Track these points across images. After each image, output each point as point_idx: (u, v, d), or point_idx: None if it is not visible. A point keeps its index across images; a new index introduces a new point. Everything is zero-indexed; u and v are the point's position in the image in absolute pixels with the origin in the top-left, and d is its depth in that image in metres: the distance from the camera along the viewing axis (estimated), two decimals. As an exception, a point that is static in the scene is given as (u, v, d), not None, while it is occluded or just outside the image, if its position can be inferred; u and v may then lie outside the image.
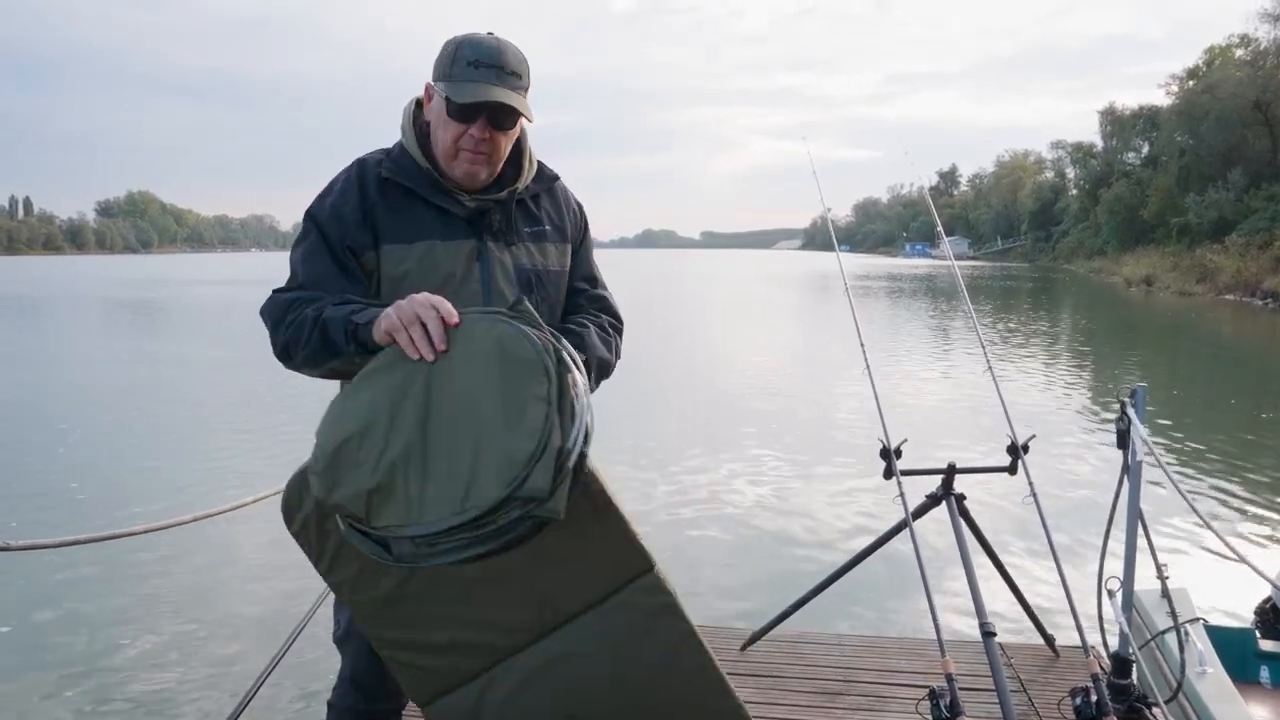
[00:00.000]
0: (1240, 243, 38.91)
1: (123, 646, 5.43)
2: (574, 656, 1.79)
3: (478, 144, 1.85)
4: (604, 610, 1.79)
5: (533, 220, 2.01)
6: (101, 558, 6.43)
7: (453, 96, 1.81)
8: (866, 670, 3.46)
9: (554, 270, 2.02)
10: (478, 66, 1.81)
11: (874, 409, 3.17)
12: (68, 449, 10.48)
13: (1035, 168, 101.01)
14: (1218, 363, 19.77)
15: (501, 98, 1.80)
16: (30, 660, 5.25)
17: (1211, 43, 56.60)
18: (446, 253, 1.88)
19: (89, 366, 18.22)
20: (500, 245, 1.93)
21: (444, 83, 1.84)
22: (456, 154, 1.87)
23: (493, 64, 1.81)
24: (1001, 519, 6.34)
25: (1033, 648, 3.70)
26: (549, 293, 2.00)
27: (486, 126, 1.84)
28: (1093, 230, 66.43)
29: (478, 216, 1.92)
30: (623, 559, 1.79)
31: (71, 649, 5.40)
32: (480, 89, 1.80)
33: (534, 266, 1.98)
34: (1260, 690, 3.65)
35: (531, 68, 1.89)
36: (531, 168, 2.01)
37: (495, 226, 1.93)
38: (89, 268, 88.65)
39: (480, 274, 1.90)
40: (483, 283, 1.90)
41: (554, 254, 2.03)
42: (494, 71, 1.81)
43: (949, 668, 2.37)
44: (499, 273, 1.92)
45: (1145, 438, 3.03)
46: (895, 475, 2.90)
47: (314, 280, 1.84)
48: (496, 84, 1.81)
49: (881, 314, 29.77)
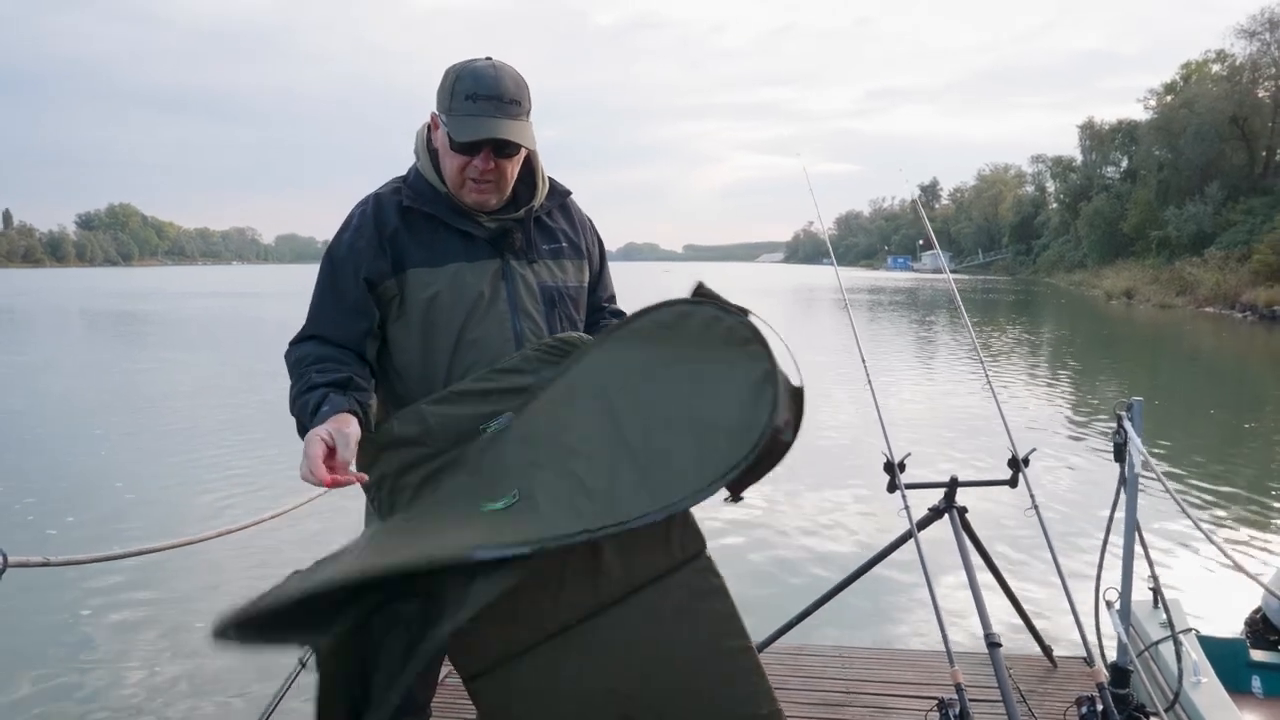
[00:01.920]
0: (1219, 256, 39.34)
1: (150, 656, 5.52)
2: (624, 634, 1.82)
3: (483, 174, 1.89)
4: (658, 589, 1.83)
5: (550, 238, 2.06)
6: (136, 571, 6.57)
7: (453, 134, 1.84)
8: (869, 682, 3.49)
9: (573, 286, 2.07)
10: (476, 99, 1.82)
11: (873, 421, 3.22)
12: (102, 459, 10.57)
13: (1016, 181, 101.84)
14: (1199, 374, 19.98)
15: (500, 133, 1.82)
16: (59, 669, 5.33)
17: (1189, 58, 57.40)
18: (474, 274, 1.93)
19: (113, 376, 18.19)
20: (523, 264, 1.99)
21: (445, 115, 1.87)
22: (464, 183, 1.91)
23: (491, 95, 1.83)
24: (998, 531, 6.40)
25: (1031, 658, 3.75)
26: (569, 310, 2.05)
27: (490, 157, 1.87)
28: (1073, 243, 67.02)
29: (499, 237, 1.96)
30: (679, 539, 1.85)
31: (95, 660, 5.48)
32: (479, 124, 1.82)
33: (555, 284, 2.03)
34: (1252, 700, 3.70)
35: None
36: (545, 185, 2.05)
37: (517, 245, 1.98)
38: (73, 280, 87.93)
39: (506, 293, 1.95)
40: (509, 301, 1.95)
41: (572, 270, 2.08)
42: (492, 104, 1.83)
43: (958, 678, 2.41)
44: (524, 291, 1.97)
45: (1143, 450, 3.09)
46: (900, 488, 2.94)
47: (317, 323, 1.92)
48: (496, 116, 1.83)
49: (870, 327, 29.91)
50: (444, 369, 1.93)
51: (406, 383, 1.97)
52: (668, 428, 1.77)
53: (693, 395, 1.78)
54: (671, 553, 1.85)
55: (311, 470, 1.61)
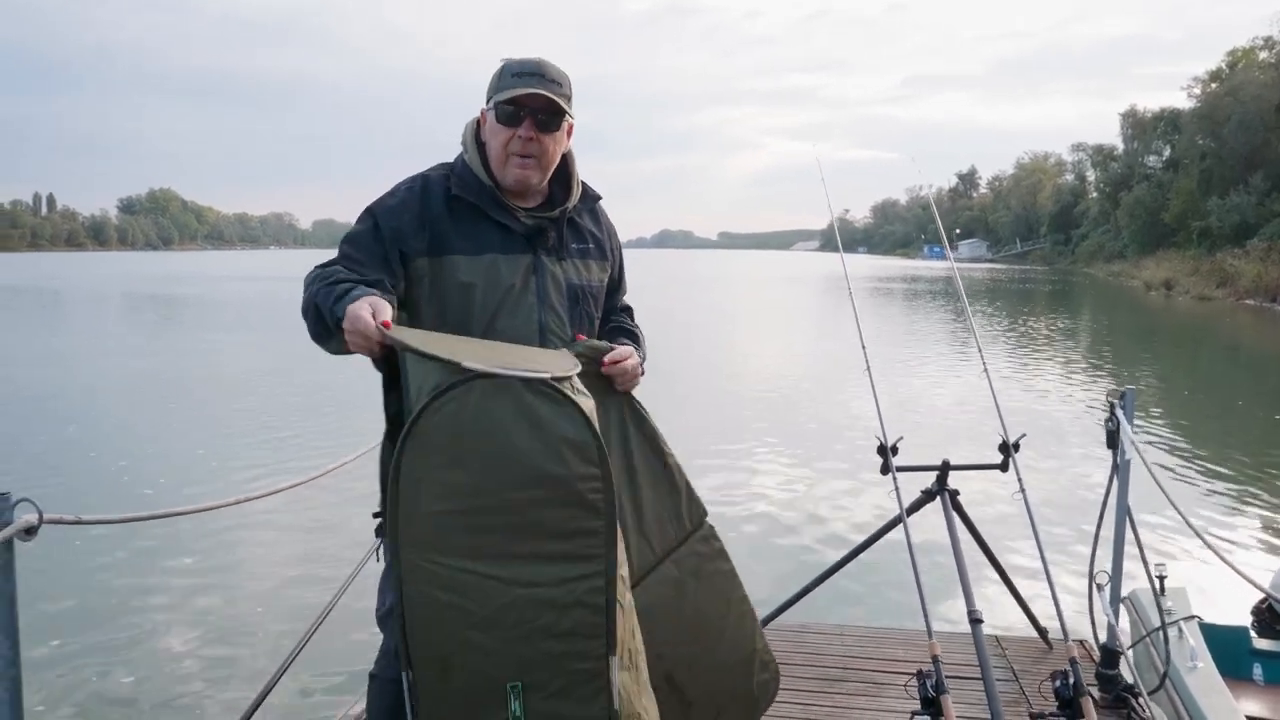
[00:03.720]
0: (1262, 247, 38.63)
1: (172, 617, 5.82)
2: (656, 603, 2.09)
3: (525, 145, 2.01)
4: (675, 559, 2.13)
5: (580, 238, 2.19)
6: (163, 533, 7.03)
7: (499, 100, 2.00)
8: (866, 658, 3.62)
9: (595, 286, 2.20)
10: (521, 75, 2.00)
11: (890, 408, 3.31)
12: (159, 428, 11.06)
13: (1055, 170, 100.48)
14: (1235, 367, 19.75)
15: (543, 88, 1.98)
16: (84, 626, 5.63)
17: (1234, 44, 56.24)
18: (507, 266, 2.05)
19: (160, 356, 18.67)
20: (553, 260, 2.11)
21: (493, 95, 2.03)
22: (507, 159, 2.03)
23: (535, 73, 2.00)
24: (1008, 518, 6.46)
25: (1027, 640, 3.85)
26: (589, 308, 2.18)
27: (532, 127, 2.00)
28: (1113, 233, 66.10)
29: (535, 233, 2.09)
30: (687, 511, 2.15)
31: (117, 618, 5.78)
32: (523, 85, 1.98)
33: (581, 283, 2.15)
34: (1253, 687, 3.75)
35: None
36: (578, 188, 2.18)
37: (550, 243, 2.10)
38: (115, 264, 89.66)
39: (535, 287, 2.07)
40: (538, 295, 2.08)
41: (596, 271, 2.21)
42: (536, 79, 1.99)
43: (935, 650, 2.52)
44: (551, 286, 2.10)
45: (1132, 438, 3.17)
46: (892, 471, 3.04)
47: (354, 257, 1.98)
48: (539, 87, 1.99)
49: (897, 316, 29.80)
50: None
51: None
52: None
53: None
54: (683, 524, 2.16)
55: (363, 324, 1.71)
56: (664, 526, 2.14)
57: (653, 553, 2.12)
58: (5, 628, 1.72)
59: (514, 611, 1.75)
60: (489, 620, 1.74)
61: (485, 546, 1.74)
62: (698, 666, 2.18)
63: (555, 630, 1.76)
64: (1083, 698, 2.41)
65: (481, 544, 1.74)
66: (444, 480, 1.73)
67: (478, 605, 1.74)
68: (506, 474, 1.74)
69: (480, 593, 1.74)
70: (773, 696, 2.35)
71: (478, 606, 1.74)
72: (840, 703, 3.28)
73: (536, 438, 1.74)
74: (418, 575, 1.73)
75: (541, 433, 1.74)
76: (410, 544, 1.73)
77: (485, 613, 1.74)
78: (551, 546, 1.76)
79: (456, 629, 1.74)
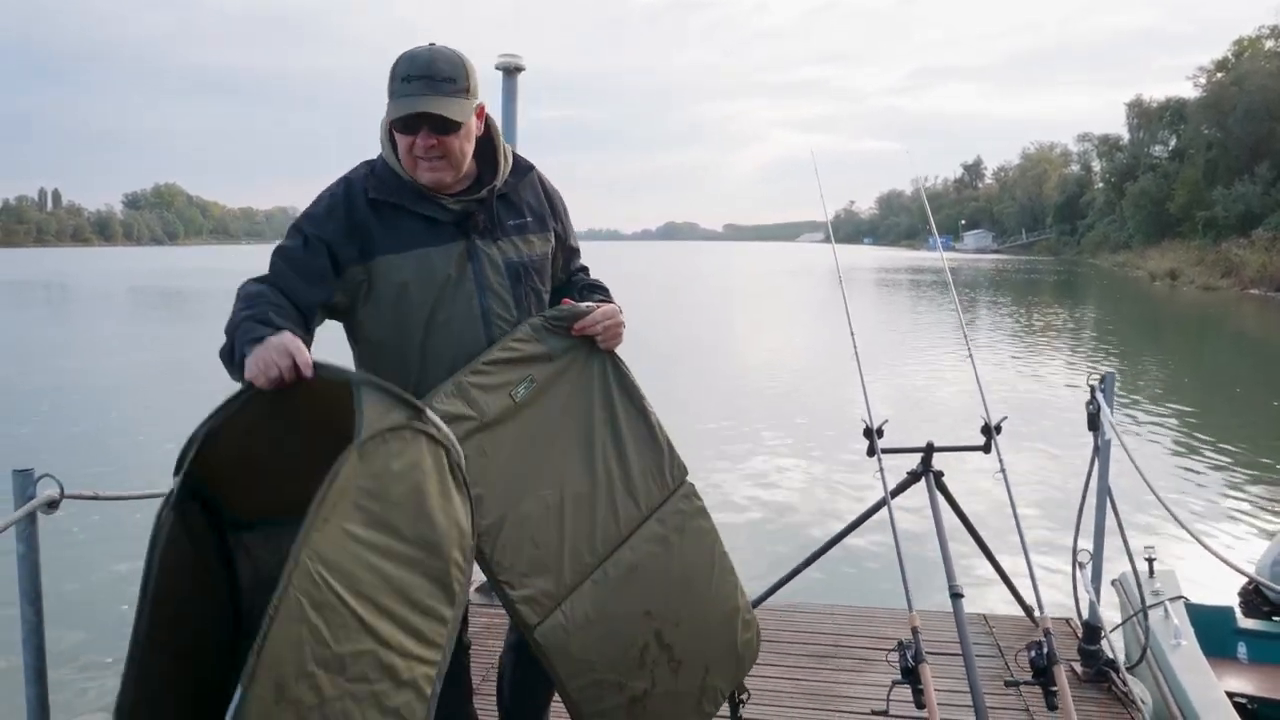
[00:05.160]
0: (1267, 237, 38.57)
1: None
2: (642, 559, 2.17)
3: (427, 151, 1.95)
4: (658, 517, 2.20)
5: (515, 213, 2.14)
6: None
7: (388, 113, 1.97)
8: (854, 636, 3.73)
9: (537, 259, 2.17)
10: (409, 80, 1.91)
11: (882, 396, 3.41)
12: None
13: (1061, 161, 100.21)
14: (1238, 355, 19.77)
15: (426, 107, 1.90)
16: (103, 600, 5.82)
17: (1241, 34, 55.96)
18: (439, 257, 2.02)
19: (170, 348, 18.82)
20: (488, 242, 2.07)
21: (388, 100, 1.98)
22: (415, 163, 1.98)
23: (423, 75, 1.91)
24: (1002, 502, 6.55)
25: (1013, 618, 3.95)
26: (534, 282, 2.16)
27: (430, 134, 1.94)
28: (1118, 224, 65.95)
29: (463, 218, 2.05)
30: (669, 470, 2.23)
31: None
32: (409, 102, 1.90)
33: (520, 259, 2.12)
34: (1237, 665, 3.84)
35: (477, 68, 1.99)
36: (507, 163, 2.12)
37: (481, 225, 2.06)
38: (124, 260, 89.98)
39: (472, 272, 2.05)
40: (475, 281, 2.05)
41: (537, 244, 2.17)
42: (423, 82, 1.91)
43: (914, 622, 2.63)
44: (489, 269, 2.07)
45: (1111, 421, 3.27)
46: (877, 453, 3.14)
47: (279, 276, 1.96)
48: (427, 93, 1.90)
49: (900, 305, 29.84)
50: (417, 348, 2.05)
51: (380, 359, 2.07)
52: None
53: None
54: (666, 483, 2.22)
55: (292, 351, 1.70)
56: (649, 483, 2.19)
57: (639, 510, 2.17)
58: (29, 595, 1.83)
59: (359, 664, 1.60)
60: (337, 661, 1.57)
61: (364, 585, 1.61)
62: (685, 624, 2.21)
63: (384, 704, 1.63)
64: (1056, 665, 2.51)
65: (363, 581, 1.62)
66: (366, 510, 1.64)
67: (333, 640, 1.56)
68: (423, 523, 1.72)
69: (343, 628, 1.58)
70: (755, 655, 2.41)
71: (334, 642, 1.56)
72: (828, 678, 3.39)
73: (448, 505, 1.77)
74: (304, 580, 1.53)
75: (450, 503, 1.77)
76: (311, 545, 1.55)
77: (336, 651, 1.57)
78: (413, 616, 1.69)
79: (305, 657, 1.53)
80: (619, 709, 2.14)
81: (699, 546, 2.25)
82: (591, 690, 2.11)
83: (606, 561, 2.13)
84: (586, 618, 2.09)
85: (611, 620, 2.12)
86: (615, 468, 2.15)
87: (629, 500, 2.16)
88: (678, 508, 2.23)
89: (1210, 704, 3.05)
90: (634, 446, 2.18)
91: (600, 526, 2.13)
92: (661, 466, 2.21)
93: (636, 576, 2.14)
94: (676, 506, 2.23)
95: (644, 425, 2.20)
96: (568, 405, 2.12)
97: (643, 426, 2.20)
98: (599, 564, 2.12)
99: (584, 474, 2.12)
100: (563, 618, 2.07)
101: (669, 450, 2.22)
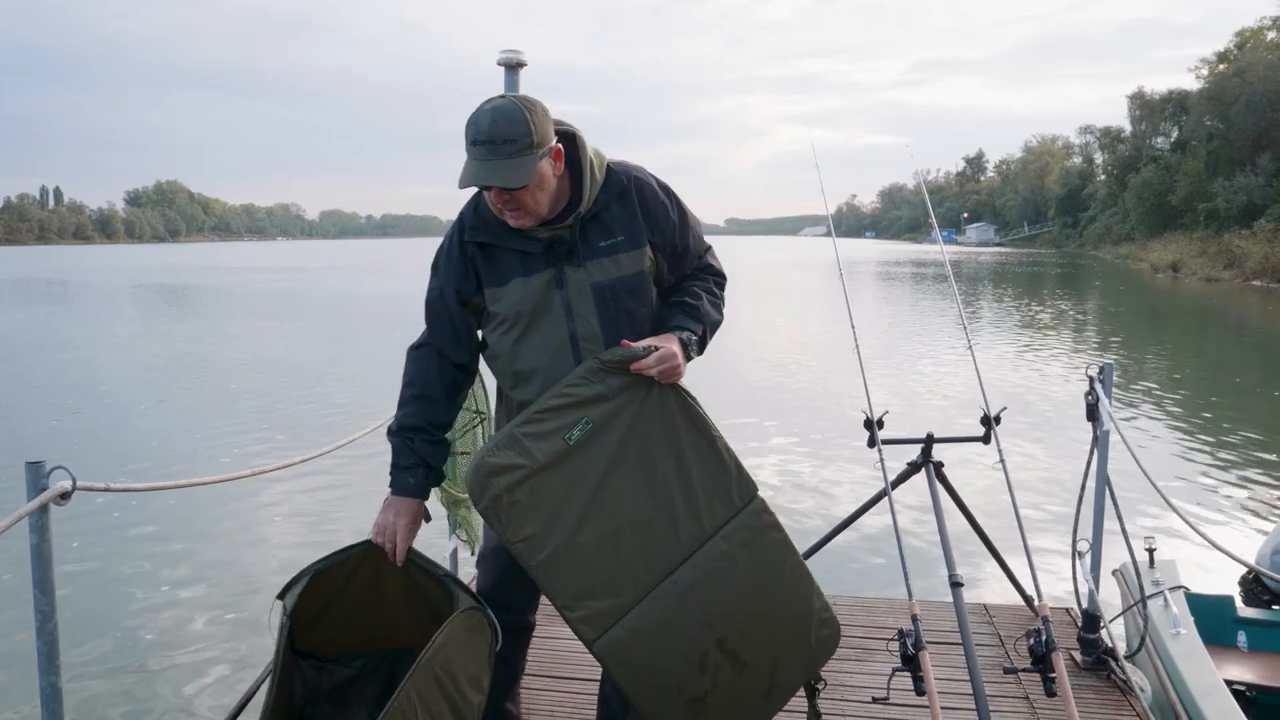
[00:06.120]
0: (1269, 228, 38.60)
1: (205, 581, 6.13)
2: (705, 574, 2.20)
3: (503, 205, 2.07)
4: (724, 534, 2.22)
5: (606, 233, 2.19)
6: (192, 502, 7.50)
7: (460, 179, 2.06)
8: (856, 625, 3.76)
9: (629, 276, 2.20)
10: (475, 144, 2.00)
11: (883, 387, 3.43)
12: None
13: (1063, 153, 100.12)
14: (1240, 347, 19.78)
15: (486, 178, 2.00)
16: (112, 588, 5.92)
17: (1243, 26, 55.88)
18: (529, 286, 2.16)
19: (178, 343, 18.90)
20: (575, 267, 2.16)
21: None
22: (500, 210, 2.10)
23: (485, 140, 1.98)
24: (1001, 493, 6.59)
25: (1013, 607, 3.98)
26: (625, 301, 2.20)
27: (501, 193, 2.04)
28: (1120, 216, 65.89)
29: (551, 246, 2.15)
30: (736, 490, 2.25)
31: (143, 582, 6.07)
32: (472, 170, 2.01)
33: (608, 280, 2.18)
34: (1237, 653, 3.88)
35: (536, 114, 2.02)
36: (595, 184, 2.16)
37: (567, 251, 2.16)
38: (125, 257, 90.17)
39: (560, 299, 2.17)
40: (564, 307, 2.17)
41: (627, 263, 2.20)
42: (486, 147, 1.99)
43: (914, 610, 2.66)
44: (575, 294, 2.17)
45: (1110, 411, 3.29)
46: (877, 444, 3.17)
47: (433, 334, 2.28)
48: (490, 158, 1.98)
49: (902, 298, 29.83)
50: (513, 370, 2.24)
51: (499, 376, 2.32)
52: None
53: None
54: (732, 502, 2.24)
55: (396, 541, 2.23)
56: (713, 504, 2.22)
57: (701, 530, 2.21)
58: (42, 584, 1.87)
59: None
60: None
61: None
62: (751, 628, 2.26)
63: None
64: (1054, 652, 2.54)
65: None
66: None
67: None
68: None
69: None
70: (831, 650, 2.40)
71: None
72: (830, 666, 3.35)
73: None
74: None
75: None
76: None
77: None
78: None
79: None
80: (678, 708, 2.21)
81: (767, 558, 2.27)
82: (652, 693, 2.20)
83: (666, 580, 2.18)
84: (646, 631, 2.16)
85: (672, 630, 2.18)
86: (677, 493, 2.19)
87: (691, 521, 2.20)
88: (745, 524, 2.25)
89: (1209, 691, 3.08)
90: (698, 470, 2.22)
91: (660, 548, 2.18)
92: (727, 487, 2.24)
93: (698, 591, 2.18)
94: (744, 523, 2.25)
95: (709, 449, 2.24)
96: (625, 438, 2.17)
97: (708, 450, 2.23)
98: (658, 582, 2.18)
99: (645, 501, 2.17)
100: (622, 632, 2.15)
101: (736, 470, 2.25)
